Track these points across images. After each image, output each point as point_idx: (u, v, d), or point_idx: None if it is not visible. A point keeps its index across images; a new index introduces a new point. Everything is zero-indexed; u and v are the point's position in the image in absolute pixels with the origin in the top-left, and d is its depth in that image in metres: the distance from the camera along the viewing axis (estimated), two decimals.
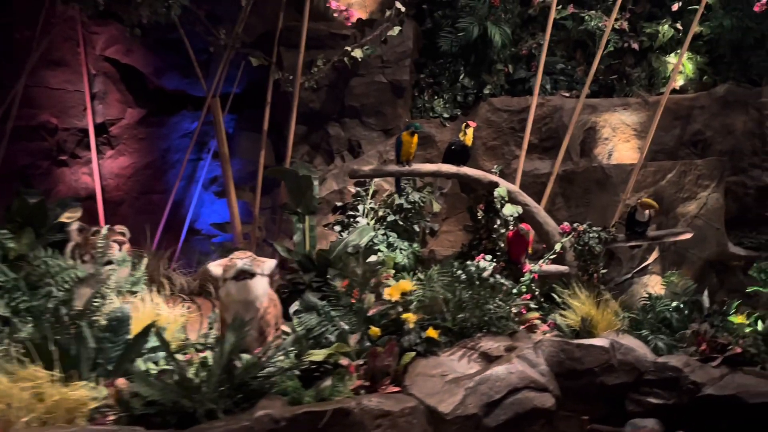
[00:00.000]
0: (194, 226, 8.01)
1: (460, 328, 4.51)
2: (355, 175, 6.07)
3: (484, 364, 4.12)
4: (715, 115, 7.64)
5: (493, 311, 4.62)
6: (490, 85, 7.66)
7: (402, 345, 4.19)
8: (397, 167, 6.18)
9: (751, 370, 5.84)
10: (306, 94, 7.60)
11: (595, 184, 7.25)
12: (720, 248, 7.24)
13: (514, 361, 4.09)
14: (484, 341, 4.38)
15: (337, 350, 3.96)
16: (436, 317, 4.51)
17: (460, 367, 4.05)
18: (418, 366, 4.05)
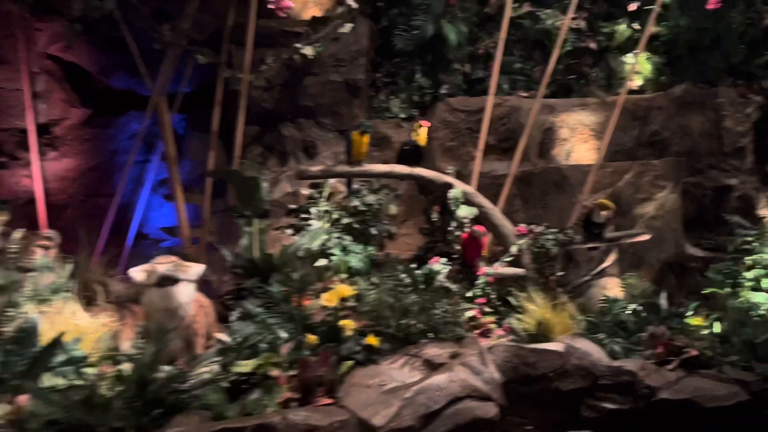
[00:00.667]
0: (142, 230, 7.71)
1: (405, 335, 4.33)
2: (303, 175, 5.86)
3: (427, 373, 3.94)
4: (673, 115, 7.59)
5: (439, 316, 4.44)
6: (447, 84, 7.51)
7: (340, 353, 3.99)
8: (348, 168, 5.98)
9: (708, 373, 5.75)
10: (258, 94, 7.37)
11: (553, 185, 7.14)
12: (678, 250, 7.18)
13: (457, 368, 3.91)
14: (429, 348, 4.20)
15: (266, 360, 3.74)
16: (380, 323, 4.32)
17: (400, 376, 3.86)
18: (355, 375, 3.85)
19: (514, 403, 5.34)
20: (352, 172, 5.97)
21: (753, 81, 7.88)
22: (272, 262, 5.22)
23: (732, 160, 7.59)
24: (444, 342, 4.32)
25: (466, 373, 3.89)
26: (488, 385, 3.96)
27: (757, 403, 5.50)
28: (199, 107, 7.85)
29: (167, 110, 6.89)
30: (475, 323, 5.95)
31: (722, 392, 5.53)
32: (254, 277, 5.23)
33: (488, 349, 5.49)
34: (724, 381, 5.67)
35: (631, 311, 6.33)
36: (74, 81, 7.76)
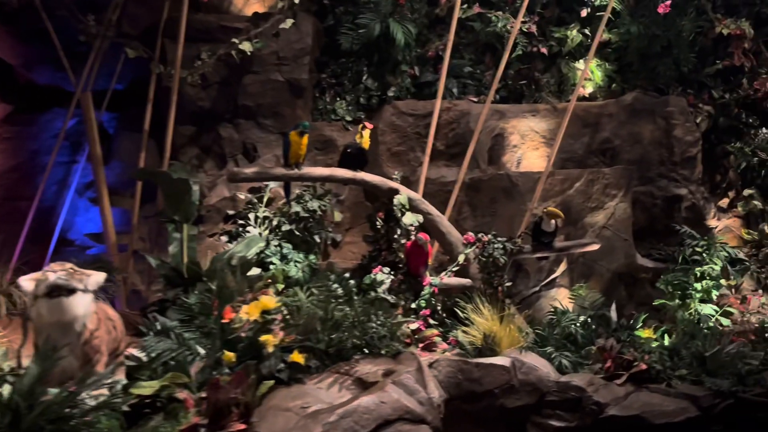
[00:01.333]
0: (67, 236, 7.17)
1: (338, 351, 3.97)
2: (236, 178, 5.47)
3: (357, 392, 3.60)
4: (623, 123, 7.46)
5: (375, 330, 4.10)
6: (395, 87, 7.22)
7: (261, 372, 3.61)
8: (285, 171, 5.61)
9: (657, 387, 5.56)
10: (194, 92, 6.95)
11: (502, 192, 6.90)
12: (628, 260, 7.02)
13: (389, 388, 3.58)
14: (363, 365, 3.85)
15: (171, 381, 3.34)
16: (310, 338, 3.95)
17: (327, 397, 3.50)
18: (275, 397, 3.47)
19: (457, 421, 5.04)
20: (289, 175, 5.60)
21: (703, 90, 7.83)
22: (197, 271, 4.80)
23: (682, 169, 7.50)
24: (379, 358, 3.98)
25: (399, 393, 3.55)
26: (423, 406, 3.64)
27: (707, 419, 5.33)
28: (132, 105, 7.36)
29: (92, 107, 6.40)
30: (419, 336, 5.64)
31: (671, 408, 5.34)
32: (178, 287, 4.80)
33: (431, 364, 5.19)
34: (673, 396, 5.49)
35: (580, 324, 6.13)
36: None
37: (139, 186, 6.65)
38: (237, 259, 5.85)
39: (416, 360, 4.07)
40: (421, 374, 3.99)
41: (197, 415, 3.17)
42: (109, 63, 7.04)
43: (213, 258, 5.72)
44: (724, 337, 6.08)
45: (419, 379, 3.85)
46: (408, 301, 5.80)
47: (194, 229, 5.99)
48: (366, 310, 4.06)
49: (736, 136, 7.77)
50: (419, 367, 4.02)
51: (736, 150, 7.69)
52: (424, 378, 3.99)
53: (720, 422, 5.33)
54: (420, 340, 5.64)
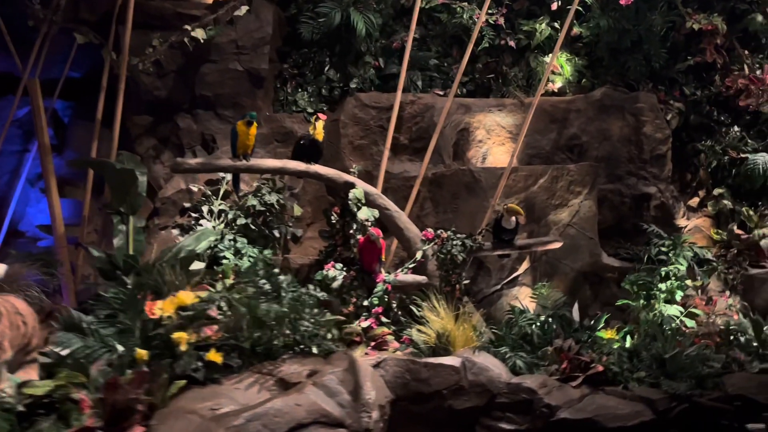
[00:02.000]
0: (18, 227, 6.96)
1: (266, 349, 3.80)
2: (179, 168, 5.28)
3: (278, 393, 3.42)
4: (592, 119, 7.30)
5: (306, 328, 3.92)
6: (357, 78, 7.04)
7: (175, 371, 3.43)
8: (231, 162, 5.42)
9: (613, 390, 5.42)
10: (150, 81, 6.75)
11: (464, 188, 6.73)
12: (593, 259, 6.87)
13: (307, 389, 3.41)
14: (289, 365, 3.68)
15: (67, 380, 3.16)
16: (237, 336, 3.78)
17: (244, 398, 3.33)
18: (184, 398, 3.29)
19: (405, 422, 4.88)
20: (236, 166, 5.41)
21: (674, 87, 7.67)
22: (132, 264, 4.61)
23: (651, 167, 7.34)
24: (310, 357, 3.81)
25: (318, 395, 3.38)
26: (344, 409, 3.46)
27: (662, 423, 5.19)
28: (88, 94, 7.14)
29: (40, 94, 6.19)
30: (370, 334, 5.49)
31: (626, 411, 5.19)
32: (114, 281, 4.61)
33: (378, 364, 5.04)
34: (629, 399, 5.34)
35: (540, 323, 5.98)
36: None
37: (90, 176, 6.44)
38: (185, 252, 5.68)
39: (348, 360, 3.89)
40: (354, 374, 3.82)
41: (94, 416, 2.99)
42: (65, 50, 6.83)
43: (161, 252, 5.56)
44: (686, 338, 5.93)
45: (346, 380, 3.67)
46: (360, 299, 5.64)
47: (141, 221, 5.82)
48: (294, 307, 3.88)
49: (707, 134, 7.61)
50: (350, 368, 3.84)
51: (707, 148, 7.53)
52: (357, 378, 3.82)
53: (676, 426, 5.19)
54: (371, 339, 5.50)
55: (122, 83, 6.06)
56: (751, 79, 7.37)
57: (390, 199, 6.89)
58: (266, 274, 4.25)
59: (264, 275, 4.24)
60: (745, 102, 7.43)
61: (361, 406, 3.89)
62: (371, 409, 3.95)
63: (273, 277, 4.24)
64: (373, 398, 3.97)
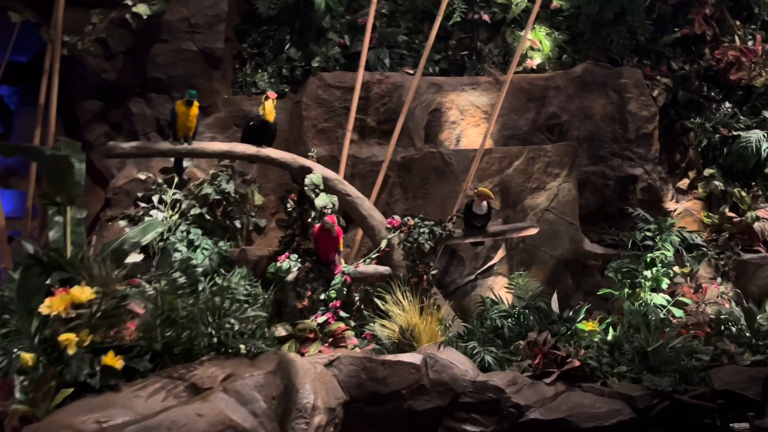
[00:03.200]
0: None
1: (185, 351, 3.39)
2: (111, 153, 4.86)
3: (184, 401, 3.01)
4: (572, 97, 6.84)
5: (230, 326, 3.51)
6: (320, 57, 6.60)
7: (65, 378, 3.03)
8: (171, 145, 4.99)
9: (591, 386, 5.00)
10: (97, 63, 6.33)
11: (434, 172, 6.30)
12: (574, 246, 6.43)
13: (214, 397, 2.99)
14: (206, 367, 3.27)
15: None
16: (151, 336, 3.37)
17: (144, 407, 2.92)
18: (69, 409, 2.87)
19: (360, 426, 4.49)
20: (176, 150, 4.99)
21: (661, 61, 7.20)
22: (56, 259, 4.19)
23: (637, 147, 6.89)
24: (233, 359, 3.40)
25: (226, 403, 2.97)
26: (257, 418, 3.05)
27: (642, 422, 4.77)
28: (36, 79, 6.74)
29: None
30: (326, 330, 5.09)
31: (603, 409, 4.76)
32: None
33: (330, 362, 4.64)
34: (607, 396, 4.91)
35: (515, 315, 5.56)
36: None
37: (34, 166, 6.04)
38: (128, 245, 5.28)
39: (277, 360, 3.48)
40: (284, 377, 3.41)
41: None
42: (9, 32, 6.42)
43: (103, 246, 5.16)
44: (671, 329, 5.50)
45: (268, 384, 3.25)
46: (317, 292, 5.23)
47: (81, 212, 5.38)
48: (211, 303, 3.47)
49: (697, 110, 7.14)
50: (278, 369, 3.43)
51: (696, 126, 7.06)
52: (291, 381, 3.41)
53: (657, 425, 4.77)
54: (328, 335, 5.10)
55: (56, 63, 5.63)
56: (743, 50, 6.89)
57: (357, 185, 6.47)
58: (181, 266, 3.83)
59: (179, 267, 3.82)
60: (736, 76, 6.96)
61: (297, 412, 3.47)
62: (310, 414, 3.54)
63: (189, 270, 3.82)
64: (312, 402, 3.57)
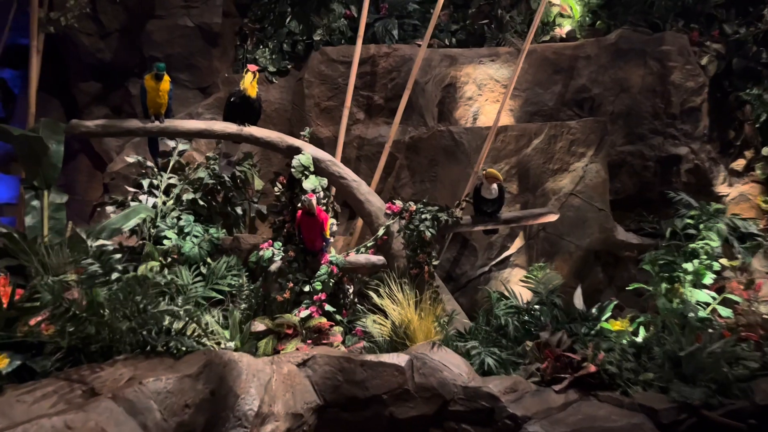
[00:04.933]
0: None
1: (103, 348, 2.98)
2: (74, 131, 4.53)
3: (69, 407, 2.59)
4: (605, 67, 6.08)
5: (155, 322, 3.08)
6: (322, 29, 6.10)
7: None
8: (141, 123, 4.63)
9: (608, 396, 4.33)
10: (91, 42, 6.08)
11: (443, 153, 5.71)
12: (604, 234, 5.71)
13: (96, 405, 2.54)
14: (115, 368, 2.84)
15: None
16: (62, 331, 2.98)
17: (24, 414, 2.50)
18: None
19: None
20: (146, 129, 4.62)
21: (711, 25, 6.31)
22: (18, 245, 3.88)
23: (681, 123, 6.07)
24: (153, 359, 2.97)
25: (109, 414, 2.52)
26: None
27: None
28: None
29: None
30: (309, 325, 4.63)
31: (619, 423, 4.10)
32: None
33: (304, 362, 4.19)
34: (626, 407, 4.24)
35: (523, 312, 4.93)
36: None
37: None
38: (107, 231, 4.99)
39: (203, 362, 3.03)
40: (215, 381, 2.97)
41: None
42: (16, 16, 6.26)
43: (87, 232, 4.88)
44: (710, 332, 4.73)
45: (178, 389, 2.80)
46: (300, 283, 4.77)
47: (61, 196, 5.14)
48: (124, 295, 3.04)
49: (754, 80, 6.21)
50: (202, 372, 2.98)
51: (754, 98, 6.15)
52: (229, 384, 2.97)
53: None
54: (310, 331, 4.64)
55: (35, 40, 5.38)
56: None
57: (364, 168, 6.00)
58: (96, 253, 3.44)
59: (93, 254, 3.43)
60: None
61: (234, 421, 3.03)
62: (253, 422, 3.10)
63: (103, 257, 3.42)
64: (255, 409, 3.12)
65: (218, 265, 5.10)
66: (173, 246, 5.34)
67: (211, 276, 5.04)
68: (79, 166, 6.56)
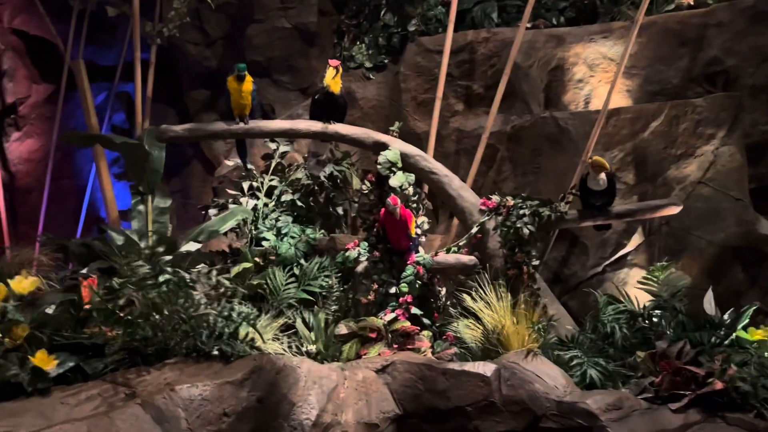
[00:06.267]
0: (100, 213, 7.03)
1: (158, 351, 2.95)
2: (163, 136, 4.65)
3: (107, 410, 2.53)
4: (741, 34, 5.23)
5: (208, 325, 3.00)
6: (416, 19, 5.84)
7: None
8: (226, 126, 4.65)
9: (739, 419, 3.67)
10: (198, 51, 6.31)
11: (547, 141, 5.21)
12: (743, 228, 4.90)
13: (123, 411, 2.44)
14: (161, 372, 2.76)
15: None
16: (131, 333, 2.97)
17: (65, 416, 2.47)
18: None
19: None
20: (231, 131, 4.64)
21: None
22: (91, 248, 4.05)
23: None
24: (202, 363, 2.88)
25: (134, 420, 2.42)
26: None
27: None
28: (159, 75, 6.96)
29: (86, 75, 6.06)
30: (393, 328, 4.39)
31: None
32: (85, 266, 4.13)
33: (384, 368, 3.96)
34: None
35: (636, 317, 4.33)
36: (35, 55, 7.25)
37: None
38: (205, 234, 5.11)
39: (250, 368, 2.89)
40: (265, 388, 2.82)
41: None
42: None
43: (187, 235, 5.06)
44: None
45: (219, 397, 2.66)
46: (386, 285, 4.55)
47: (165, 201, 5.33)
48: (167, 297, 2.97)
49: None
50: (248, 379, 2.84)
51: None
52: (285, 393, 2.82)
53: None
54: (396, 335, 4.39)
55: (137, 51, 5.63)
56: None
57: (464, 162, 5.68)
58: (148, 255, 3.40)
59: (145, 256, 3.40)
60: None
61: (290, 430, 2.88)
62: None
63: (154, 258, 3.37)
64: (312, 418, 2.96)
65: (310, 266, 5.03)
66: (271, 247, 5.35)
67: (303, 277, 4.99)
68: (193, 172, 6.85)
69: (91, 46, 7.14)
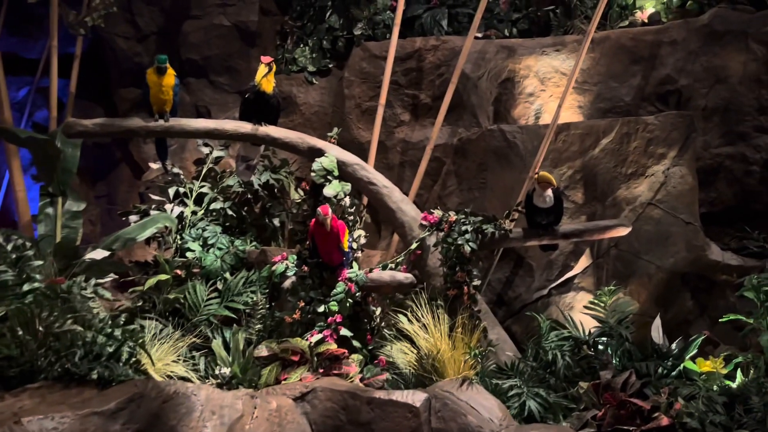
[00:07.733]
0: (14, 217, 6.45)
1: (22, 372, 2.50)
2: (70, 131, 4.19)
3: None
4: (695, 54, 5.10)
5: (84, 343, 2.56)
6: (363, 23, 5.55)
7: None
8: (143, 122, 4.22)
9: None
10: (129, 45, 5.88)
11: (494, 155, 4.94)
12: (693, 254, 4.70)
13: None
14: (18, 399, 2.31)
15: None
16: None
17: None
18: None
19: None
20: (149, 128, 4.21)
21: None
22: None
23: None
24: (73, 388, 2.42)
25: None
26: None
27: None
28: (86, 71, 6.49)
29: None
30: (319, 351, 3.99)
31: None
32: None
33: (303, 395, 3.57)
34: None
35: (580, 345, 4.05)
36: None
37: None
38: (120, 242, 4.65)
39: (128, 396, 2.46)
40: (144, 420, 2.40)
41: None
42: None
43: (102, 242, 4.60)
44: None
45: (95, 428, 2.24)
46: (314, 302, 4.16)
47: (78, 204, 4.87)
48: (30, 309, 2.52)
49: None
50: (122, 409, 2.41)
51: None
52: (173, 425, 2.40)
53: None
54: (324, 358, 4.00)
55: (53, 39, 5.17)
56: None
57: (408, 175, 5.36)
58: (12, 261, 2.94)
59: (10, 261, 2.94)
60: None
61: None
62: None
63: (22, 262, 2.93)
64: None
65: (235, 281, 4.63)
66: (195, 258, 4.92)
67: (227, 292, 4.58)
68: (121, 175, 6.38)
69: (15, 37, 6.64)
